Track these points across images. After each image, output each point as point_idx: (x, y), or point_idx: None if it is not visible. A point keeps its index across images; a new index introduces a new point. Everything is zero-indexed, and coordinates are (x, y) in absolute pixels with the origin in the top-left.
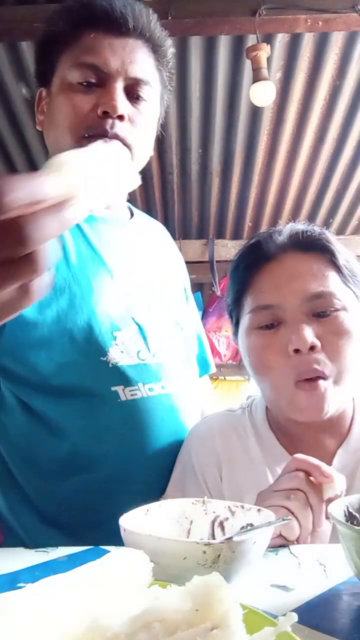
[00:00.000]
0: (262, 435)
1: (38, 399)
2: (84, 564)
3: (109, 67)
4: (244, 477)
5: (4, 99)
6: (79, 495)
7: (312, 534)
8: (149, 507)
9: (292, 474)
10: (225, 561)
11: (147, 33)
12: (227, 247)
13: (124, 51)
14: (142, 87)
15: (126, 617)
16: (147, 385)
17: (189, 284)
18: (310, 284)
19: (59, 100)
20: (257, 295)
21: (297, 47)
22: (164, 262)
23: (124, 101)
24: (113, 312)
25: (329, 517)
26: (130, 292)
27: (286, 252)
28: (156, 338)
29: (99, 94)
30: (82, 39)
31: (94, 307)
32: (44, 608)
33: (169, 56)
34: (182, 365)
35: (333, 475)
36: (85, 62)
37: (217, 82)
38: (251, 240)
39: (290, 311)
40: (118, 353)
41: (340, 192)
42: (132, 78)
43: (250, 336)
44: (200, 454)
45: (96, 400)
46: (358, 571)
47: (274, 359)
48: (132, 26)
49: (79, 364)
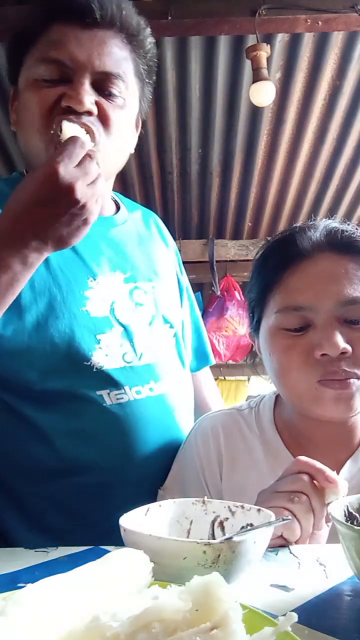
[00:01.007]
0: (268, 437)
1: (23, 404)
2: (84, 564)
3: (74, 62)
4: (245, 477)
5: (4, 98)
6: (68, 500)
7: (310, 535)
8: (149, 507)
9: (296, 476)
10: (225, 561)
11: (118, 22)
12: (227, 247)
13: (92, 44)
14: (114, 82)
15: (126, 617)
16: (135, 388)
17: (184, 274)
18: (345, 289)
19: (24, 98)
20: (288, 294)
21: (297, 47)
22: (152, 255)
23: (89, 94)
24: (96, 314)
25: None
26: (114, 293)
27: (322, 252)
28: (143, 339)
29: (64, 88)
30: (48, 33)
31: (74, 311)
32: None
33: (147, 46)
34: (172, 364)
35: (336, 480)
36: (49, 57)
37: (217, 82)
38: (282, 234)
39: (323, 314)
40: (102, 356)
41: (340, 192)
42: (101, 72)
43: (275, 336)
44: (202, 449)
45: (81, 405)
46: (358, 571)
47: (298, 360)
48: (99, 16)
49: (62, 370)
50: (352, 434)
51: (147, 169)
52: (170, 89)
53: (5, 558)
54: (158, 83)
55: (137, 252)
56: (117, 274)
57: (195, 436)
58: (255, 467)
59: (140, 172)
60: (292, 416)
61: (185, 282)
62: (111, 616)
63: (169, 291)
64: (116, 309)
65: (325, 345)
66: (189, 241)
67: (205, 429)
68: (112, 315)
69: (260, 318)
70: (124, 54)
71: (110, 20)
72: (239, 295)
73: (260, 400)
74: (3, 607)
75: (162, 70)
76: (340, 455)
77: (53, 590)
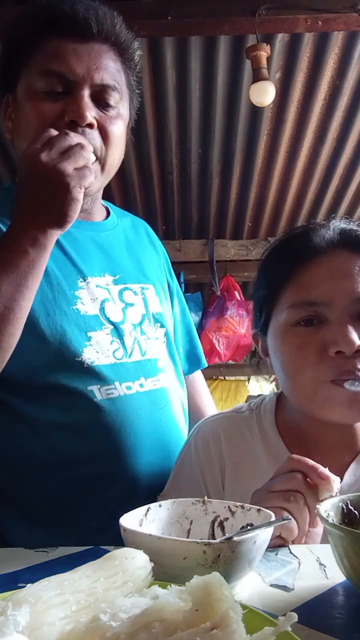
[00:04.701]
0: (270, 440)
1: (15, 399)
2: (84, 564)
3: (74, 75)
4: (248, 482)
5: None
6: (60, 494)
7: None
8: (149, 507)
9: (290, 475)
10: (225, 561)
11: (112, 37)
12: (227, 247)
13: (89, 57)
14: (110, 94)
15: (126, 617)
16: (125, 384)
17: (174, 279)
18: (359, 285)
19: (26, 109)
20: (301, 290)
21: (297, 47)
22: (141, 260)
23: (91, 109)
24: (86, 312)
25: None
26: (104, 293)
27: (336, 249)
28: (133, 337)
29: (66, 101)
30: (45, 45)
31: (65, 309)
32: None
33: (136, 59)
34: (164, 362)
35: (330, 477)
36: (50, 69)
37: (217, 82)
38: (294, 232)
39: (337, 311)
40: (93, 353)
41: (340, 192)
42: (99, 85)
43: (286, 333)
44: (202, 455)
45: (72, 399)
46: (347, 571)
47: (311, 359)
48: (96, 30)
49: (54, 365)
50: (356, 436)
51: (147, 169)
52: (170, 89)
53: (5, 558)
54: (158, 83)
55: (126, 255)
56: (106, 276)
57: (195, 442)
58: (258, 471)
59: (140, 172)
60: (296, 418)
61: (175, 287)
62: (111, 616)
63: (158, 294)
64: (106, 308)
65: (340, 343)
66: (189, 241)
67: (206, 434)
68: (102, 314)
69: (269, 316)
70: (117, 66)
71: (105, 34)
72: (239, 295)
73: (261, 401)
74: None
75: (162, 70)
76: (344, 457)
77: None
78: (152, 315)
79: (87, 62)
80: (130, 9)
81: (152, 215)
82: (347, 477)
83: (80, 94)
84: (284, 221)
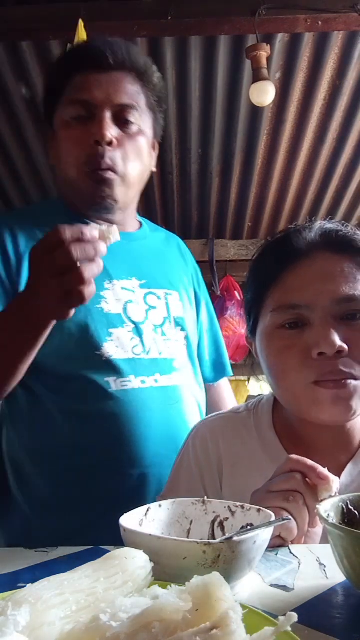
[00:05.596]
0: (267, 440)
1: (37, 384)
2: (84, 564)
3: (96, 100)
4: (245, 483)
5: (4, 99)
6: (74, 478)
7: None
8: (149, 507)
9: (289, 475)
10: (225, 561)
11: (128, 64)
12: (227, 247)
13: (109, 84)
14: (129, 111)
15: (126, 617)
16: (140, 378)
17: (203, 290)
18: (341, 286)
19: (60, 137)
20: (284, 293)
21: (297, 47)
22: (168, 269)
23: (111, 128)
24: (110, 311)
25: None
26: (129, 295)
27: (317, 251)
28: (152, 336)
29: (90, 125)
30: (73, 81)
31: (90, 307)
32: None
33: (155, 81)
34: (181, 362)
35: (329, 477)
36: (76, 99)
37: (217, 82)
38: (278, 235)
39: (319, 313)
40: (113, 348)
41: (340, 192)
42: (118, 105)
43: (271, 336)
44: (201, 455)
45: (88, 388)
46: (347, 572)
47: (295, 361)
48: (112, 61)
49: (75, 357)
50: (352, 436)
51: None
52: (170, 89)
53: (5, 558)
54: None
55: (154, 263)
56: (133, 279)
57: (194, 442)
58: (256, 472)
59: None
60: (291, 418)
61: (204, 297)
62: (111, 616)
63: (182, 301)
64: (129, 309)
65: (322, 344)
66: (189, 241)
67: (204, 434)
68: (125, 314)
69: (257, 319)
70: (135, 88)
71: (121, 63)
72: (239, 295)
73: (258, 402)
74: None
75: (162, 70)
76: (341, 458)
77: (53, 590)
78: (174, 319)
79: (106, 88)
80: (130, 9)
81: (152, 215)
82: (344, 478)
83: (101, 116)
84: (284, 221)
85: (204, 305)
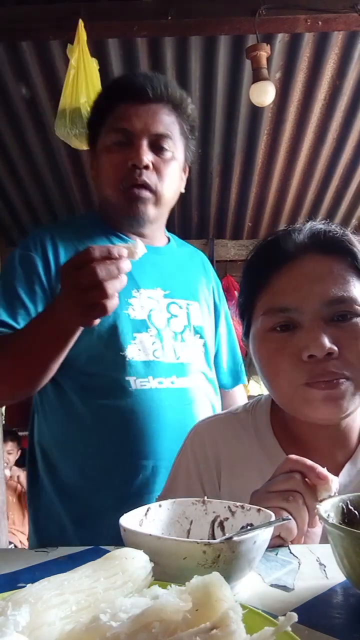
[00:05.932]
0: (265, 440)
1: (65, 380)
2: (84, 564)
3: (134, 129)
4: (244, 483)
5: (4, 99)
6: (96, 465)
7: (305, 534)
8: (149, 507)
9: (288, 475)
10: (225, 561)
11: (165, 97)
12: (227, 247)
13: (147, 114)
14: (164, 140)
15: (126, 617)
16: (157, 379)
17: (223, 302)
18: (330, 288)
19: (102, 159)
20: (273, 296)
21: (297, 47)
22: (191, 281)
23: (147, 154)
24: (135, 317)
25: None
26: (153, 304)
27: (306, 253)
28: (172, 342)
29: (129, 151)
30: (116, 109)
31: (118, 312)
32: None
33: (188, 111)
34: (197, 367)
35: (328, 477)
36: (117, 127)
37: (217, 82)
38: (268, 238)
39: (308, 315)
40: (135, 350)
41: (340, 192)
42: (154, 134)
43: (263, 339)
44: (199, 456)
45: (113, 385)
46: (347, 572)
47: (286, 363)
48: (151, 95)
49: (104, 356)
50: (349, 436)
51: None
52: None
53: (5, 558)
54: None
55: (177, 275)
56: (158, 290)
57: (192, 443)
58: (254, 472)
59: None
60: (288, 419)
61: (223, 309)
62: (111, 616)
63: (202, 311)
64: (153, 316)
65: (311, 347)
66: (189, 241)
67: (202, 435)
68: (149, 320)
69: (250, 322)
70: (171, 119)
71: (159, 96)
72: None
73: (256, 402)
74: (3, 607)
75: (162, 70)
76: (339, 458)
77: (53, 590)
78: (193, 327)
79: (144, 119)
80: (130, 9)
81: None
82: (342, 477)
83: (138, 144)
84: (284, 221)
85: (223, 317)
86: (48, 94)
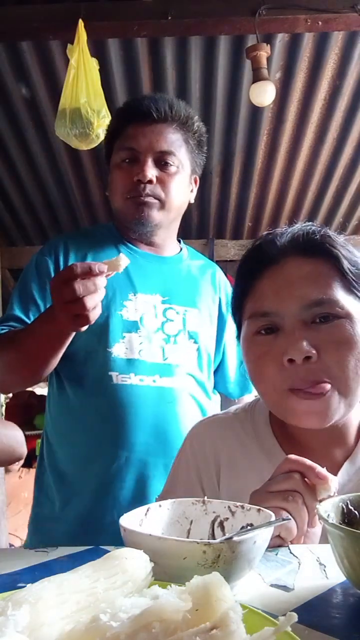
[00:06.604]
0: (264, 440)
1: (66, 372)
2: (84, 564)
3: (140, 147)
4: (243, 483)
5: (4, 99)
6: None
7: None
8: (149, 507)
9: (288, 475)
10: (225, 561)
11: (169, 117)
12: (227, 247)
13: (152, 134)
14: (168, 156)
15: (126, 617)
16: (139, 376)
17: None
18: (310, 291)
19: (113, 175)
20: (257, 301)
21: (297, 47)
22: (195, 290)
23: (151, 169)
24: (128, 318)
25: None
26: (148, 308)
27: (287, 257)
28: (162, 344)
29: (135, 167)
30: (124, 131)
31: (112, 312)
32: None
33: (195, 128)
34: (185, 369)
35: (328, 477)
36: (125, 146)
37: (217, 82)
38: (254, 243)
39: (288, 319)
40: (122, 348)
41: (340, 192)
42: (158, 151)
43: (250, 343)
44: (199, 456)
45: (99, 380)
46: (347, 572)
47: (269, 369)
48: (156, 116)
49: (95, 351)
50: (346, 435)
51: None
52: (170, 89)
53: (5, 558)
54: (158, 83)
55: (181, 285)
56: (156, 295)
57: (191, 443)
58: (253, 471)
59: None
60: None
61: (227, 324)
62: (111, 616)
63: (201, 318)
64: (145, 318)
65: (289, 350)
66: (189, 241)
67: (201, 435)
68: (141, 322)
69: (240, 326)
70: (176, 136)
71: (164, 116)
72: None
73: (256, 402)
74: (3, 607)
75: (162, 70)
76: (337, 457)
77: (53, 590)
78: (188, 332)
79: (150, 138)
80: (130, 9)
81: None
82: (341, 477)
83: (143, 160)
84: (284, 221)
85: (228, 327)
86: (48, 94)
